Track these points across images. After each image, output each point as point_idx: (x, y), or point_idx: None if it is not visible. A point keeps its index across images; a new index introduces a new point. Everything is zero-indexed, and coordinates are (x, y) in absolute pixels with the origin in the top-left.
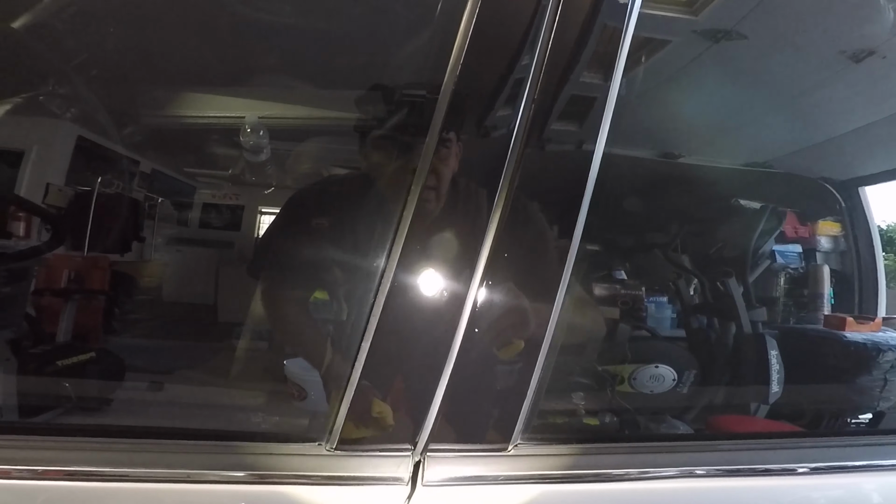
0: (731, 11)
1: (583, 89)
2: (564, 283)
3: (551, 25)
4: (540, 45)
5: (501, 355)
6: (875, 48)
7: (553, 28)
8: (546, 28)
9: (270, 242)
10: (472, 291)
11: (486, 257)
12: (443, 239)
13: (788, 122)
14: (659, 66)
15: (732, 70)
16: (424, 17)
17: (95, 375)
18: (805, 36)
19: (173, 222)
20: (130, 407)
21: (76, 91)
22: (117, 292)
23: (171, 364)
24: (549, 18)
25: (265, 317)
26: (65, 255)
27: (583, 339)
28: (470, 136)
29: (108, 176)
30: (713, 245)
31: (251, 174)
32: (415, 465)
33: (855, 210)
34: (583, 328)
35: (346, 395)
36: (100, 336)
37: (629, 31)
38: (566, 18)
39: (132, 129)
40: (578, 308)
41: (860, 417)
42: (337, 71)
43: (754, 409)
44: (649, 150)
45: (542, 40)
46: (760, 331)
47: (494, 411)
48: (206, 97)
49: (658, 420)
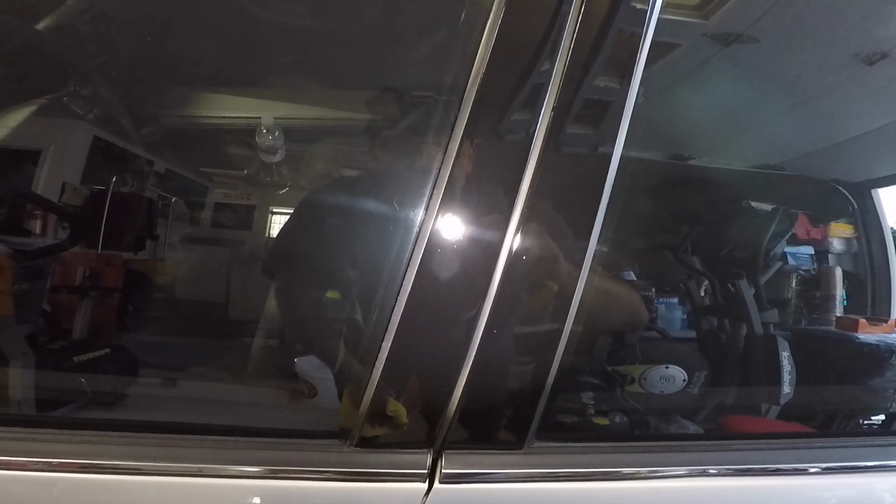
0: (743, 15)
1: (601, 94)
2: (583, 280)
3: (573, 31)
4: (561, 51)
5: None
6: (888, 51)
7: (574, 33)
8: (567, 34)
9: (286, 242)
10: (493, 290)
11: (507, 257)
12: (463, 240)
13: (800, 124)
14: (672, 70)
15: (744, 73)
16: (447, 20)
17: (110, 371)
18: (817, 39)
19: (187, 221)
20: (145, 402)
21: (92, 92)
22: (131, 290)
23: (184, 361)
24: (570, 24)
25: (280, 315)
26: (80, 253)
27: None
28: (490, 138)
29: (122, 175)
30: (724, 247)
31: (266, 174)
32: (432, 462)
33: (868, 212)
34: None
35: (367, 393)
36: (114, 333)
37: (648, 36)
38: (587, 25)
39: (147, 130)
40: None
41: (873, 419)
42: (355, 73)
43: (765, 411)
44: (661, 152)
45: (562, 46)
46: (772, 332)
47: (512, 409)
48: (221, 97)
49: (669, 420)
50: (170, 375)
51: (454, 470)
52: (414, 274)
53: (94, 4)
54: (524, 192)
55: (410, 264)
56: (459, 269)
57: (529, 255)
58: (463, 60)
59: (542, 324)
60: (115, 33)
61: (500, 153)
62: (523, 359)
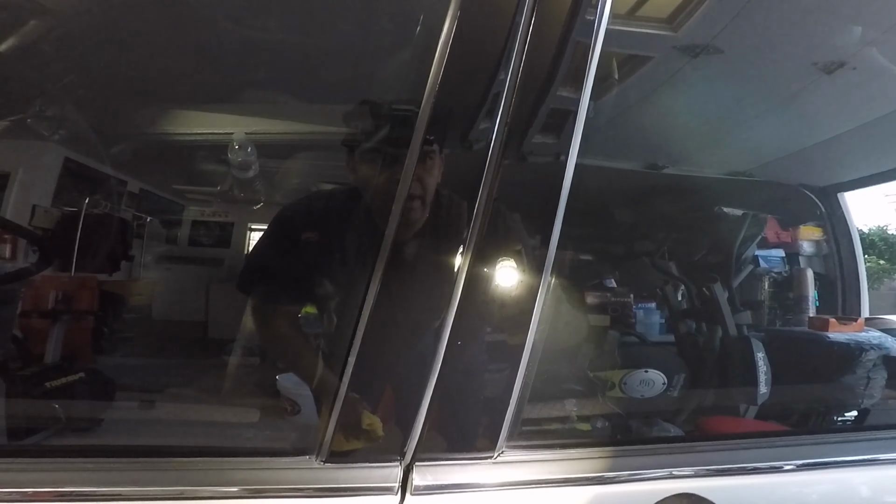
0: (708, 27)
1: (558, 103)
2: (544, 288)
3: (524, 42)
4: (514, 61)
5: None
6: (845, 60)
7: (526, 44)
8: (519, 45)
9: (260, 258)
10: (455, 301)
11: (468, 266)
12: (427, 249)
13: (767, 131)
14: (643, 80)
15: (712, 83)
16: (406, 33)
17: (85, 396)
18: (779, 49)
19: (162, 240)
20: (121, 426)
21: (63, 113)
22: (106, 312)
23: (161, 382)
24: (521, 35)
25: (256, 331)
26: (52, 276)
27: (568, 342)
28: (451, 149)
29: (95, 196)
30: (698, 252)
31: (240, 191)
32: (404, 474)
33: (835, 215)
34: (567, 332)
35: (335, 408)
36: (89, 356)
37: (597, 47)
38: (539, 35)
39: (120, 149)
40: (562, 313)
41: (846, 415)
42: (321, 86)
43: (743, 411)
44: (636, 161)
45: (514, 57)
46: (746, 334)
47: (480, 419)
48: (193, 115)
49: (650, 423)
50: (146, 398)
51: (425, 482)
52: (377, 287)
53: (60, 24)
54: (483, 201)
55: (373, 278)
56: (423, 280)
57: (490, 264)
58: (418, 76)
59: (507, 332)
60: (84, 53)
61: (458, 164)
62: (490, 367)
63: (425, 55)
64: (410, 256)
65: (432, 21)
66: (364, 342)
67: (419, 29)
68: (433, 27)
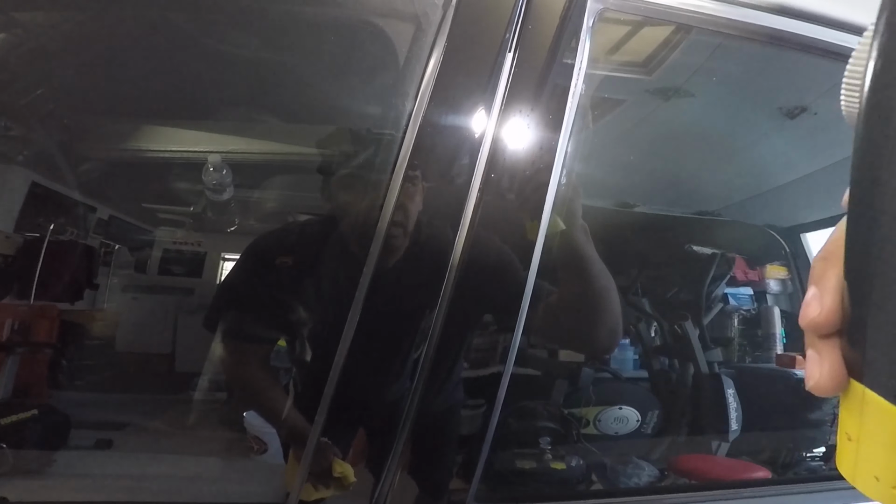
0: (678, 72)
1: (538, 143)
2: (521, 323)
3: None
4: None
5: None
6: (807, 105)
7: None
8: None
9: (226, 293)
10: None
11: (448, 299)
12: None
13: (734, 172)
14: (616, 122)
15: (682, 126)
16: (390, 57)
17: (37, 435)
18: (744, 94)
19: (130, 269)
20: (74, 471)
21: (27, 133)
22: (65, 343)
23: (122, 418)
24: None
25: (222, 370)
26: (8, 305)
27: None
28: (433, 177)
29: (60, 221)
30: (670, 289)
31: (214, 214)
32: None
33: (798, 255)
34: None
35: (306, 454)
36: (45, 391)
37: (576, 89)
38: (521, 73)
39: (88, 175)
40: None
41: (814, 451)
42: (301, 108)
43: (716, 448)
44: (609, 199)
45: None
46: (717, 371)
47: (452, 467)
48: (168, 135)
49: (624, 462)
50: (103, 437)
51: None
52: (354, 325)
53: (27, 38)
54: (461, 242)
55: (350, 316)
56: (399, 317)
57: (467, 301)
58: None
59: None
60: (51, 71)
61: (440, 194)
62: (467, 404)
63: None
64: (390, 289)
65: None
66: (339, 384)
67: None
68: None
